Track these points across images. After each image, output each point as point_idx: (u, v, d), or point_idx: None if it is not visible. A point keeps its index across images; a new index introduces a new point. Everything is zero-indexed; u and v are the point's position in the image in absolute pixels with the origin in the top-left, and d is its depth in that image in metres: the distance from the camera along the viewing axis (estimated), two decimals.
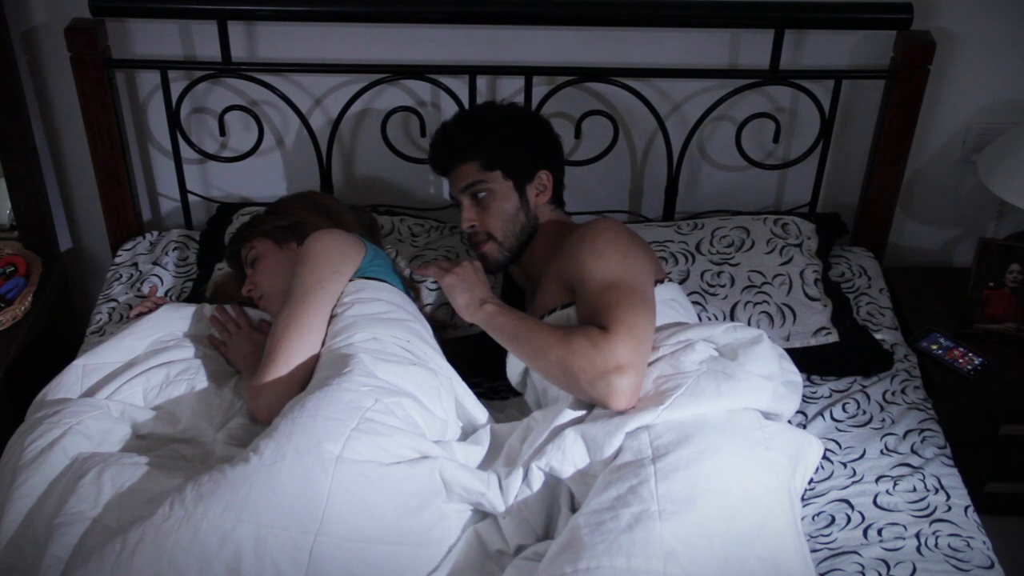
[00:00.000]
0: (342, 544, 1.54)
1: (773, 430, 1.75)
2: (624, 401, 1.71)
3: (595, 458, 1.68)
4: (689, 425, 1.69)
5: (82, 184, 2.59)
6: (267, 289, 2.03)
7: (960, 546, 1.77)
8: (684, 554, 1.49)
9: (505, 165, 2.04)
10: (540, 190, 2.08)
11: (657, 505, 1.54)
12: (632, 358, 1.71)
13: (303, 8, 2.28)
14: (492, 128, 2.06)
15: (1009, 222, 2.58)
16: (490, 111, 2.14)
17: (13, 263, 2.41)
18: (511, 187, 2.05)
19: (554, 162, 2.12)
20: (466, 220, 2.06)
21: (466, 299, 1.93)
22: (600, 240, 1.88)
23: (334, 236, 1.97)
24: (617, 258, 1.84)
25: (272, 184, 2.59)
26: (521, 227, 2.07)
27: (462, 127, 2.09)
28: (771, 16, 2.28)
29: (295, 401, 1.71)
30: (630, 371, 1.70)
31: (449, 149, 2.09)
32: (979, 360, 2.24)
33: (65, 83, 2.41)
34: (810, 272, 2.25)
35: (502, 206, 2.05)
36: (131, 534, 1.53)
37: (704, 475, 1.60)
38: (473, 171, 2.04)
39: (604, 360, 1.70)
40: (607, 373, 1.70)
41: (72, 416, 1.78)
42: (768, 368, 1.81)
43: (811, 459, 1.81)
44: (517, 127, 2.09)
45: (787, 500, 1.65)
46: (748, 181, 2.56)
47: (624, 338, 1.71)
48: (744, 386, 1.74)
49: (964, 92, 2.44)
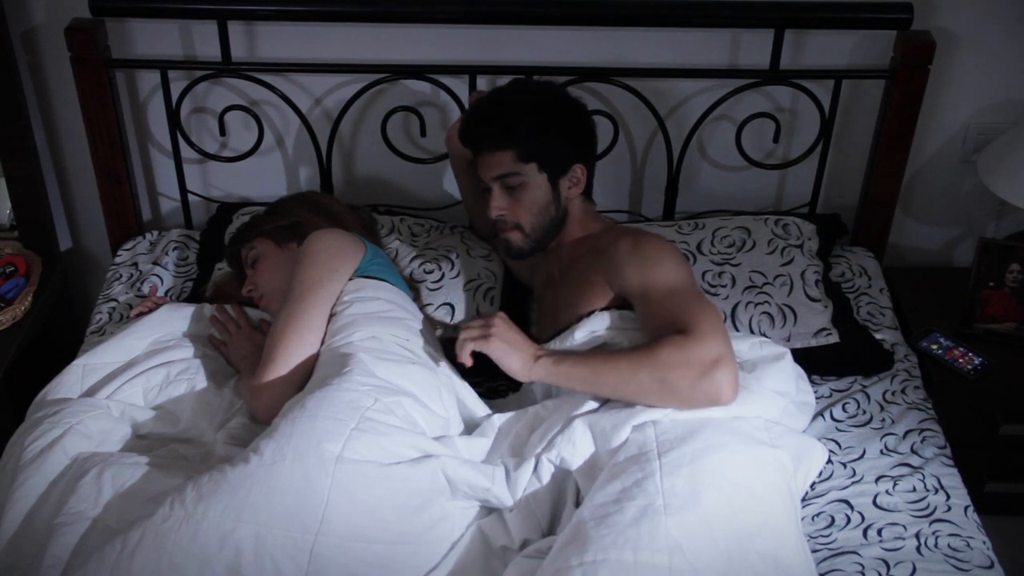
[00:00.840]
0: (342, 544, 1.54)
1: (779, 431, 1.77)
2: (731, 392, 1.69)
3: (601, 448, 1.70)
4: (695, 422, 1.71)
5: (82, 184, 2.59)
6: (267, 289, 2.03)
7: (960, 546, 1.77)
8: (689, 548, 1.50)
9: (540, 157, 1.95)
10: (573, 183, 2.00)
11: (662, 499, 1.56)
12: (724, 349, 1.70)
13: (303, 8, 2.28)
14: (530, 117, 1.95)
15: (1009, 222, 2.58)
16: (529, 96, 1.99)
17: (13, 263, 2.41)
18: (545, 179, 1.97)
19: (590, 155, 2.04)
20: (496, 208, 1.98)
21: (519, 363, 1.79)
22: (651, 250, 1.87)
23: (334, 235, 1.97)
24: (673, 265, 1.85)
25: (272, 184, 2.59)
26: (551, 219, 2.00)
27: (498, 112, 1.96)
28: (771, 16, 2.28)
29: (295, 401, 1.71)
30: (726, 362, 1.69)
31: (483, 133, 1.97)
32: (979, 360, 2.24)
33: (65, 83, 2.41)
34: (811, 273, 2.25)
35: (534, 198, 1.97)
36: (131, 534, 1.53)
37: (709, 471, 1.61)
38: (507, 161, 1.94)
39: (699, 358, 1.69)
40: (707, 370, 1.68)
41: (72, 416, 1.78)
42: (784, 386, 1.84)
43: (815, 463, 1.82)
44: (555, 117, 1.97)
45: (789, 498, 1.67)
46: (748, 181, 2.56)
47: (709, 333, 1.71)
48: (755, 397, 1.77)
49: (964, 92, 2.44)
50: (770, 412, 1.79)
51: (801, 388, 1.94)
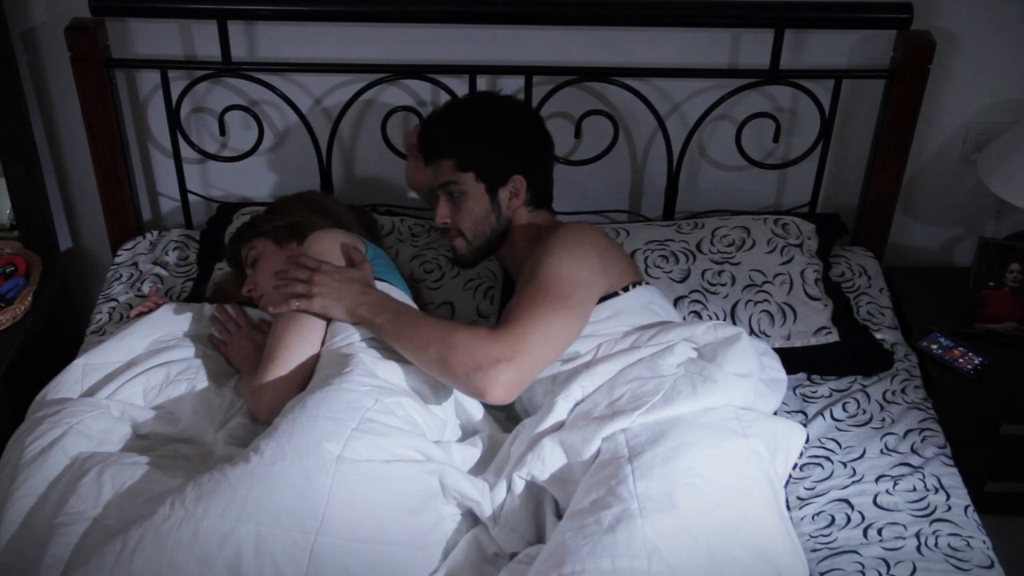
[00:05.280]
0: (342, 544, 1.54)
1: (750, 419, 1.76)
2: (500, 393, 1.71)
3: (574, 461, 1.69)
4: (664, 422, 1.70)
5: (82, 184, 2.59)
6: (267, 289, 2.03)
7: (960, 546, 1.77)
8: (668, 550, 1.49)
9: (479, 168, 2.01)
10: (513, 194, 2.05)
11: (637, 503, 1.55)
12: (514, 354, 1.71)
13: (303, 8, 2.28)
14: (472, 128, 2.03)
15: (1009, 222, 2.58)
16: (475, 108, 2.08)
17: (13, 263, 2.41)
18: (483, 190, 2.03)
19: (533, 166, 2.07)
20: (439, 216, 2.06)
21: (340, 312, 1.84)
22: (559, 243, 1.87)
23: (334, 236, 1.97)
24: (563, 262, 1.84)
25: (272, 184, 2.59)
26: (491, 229, 2.06)
27: (444, 122, 2.06)
28: (771, 16, 2.28)
29: (296, 401, 1.71)
30: (509, 366, 1.70)
31: (429, 142, 2.07)
32: (979, 360, 2.25)
33: (65, 83, 2.41)
34: (811, 272, 2.25)
35: (472, 207, 2.03)
36: (131, 534, 1.53)
37: (681, 470, 1.60)
38: (447, 170, 2.03)
39: (485, 353, 1.70)
40: (484, 366, 1.70)
41: (72, 416, 1.78)
42: (746, 366, 1.82)
43: (793, 445, 1.81)
44: (499, 130, 2.03)
45: (768, 487, 1.66)
46: (748, 181, 2.56)
47: (512, 336, 1.72)
48: (720, 386, 1.75)
49: (964, 92, 2.44)
50: (738, 398, 1.77)
51: (766, 364, 1.92)
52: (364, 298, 1.84)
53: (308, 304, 1.84)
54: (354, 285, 1.86)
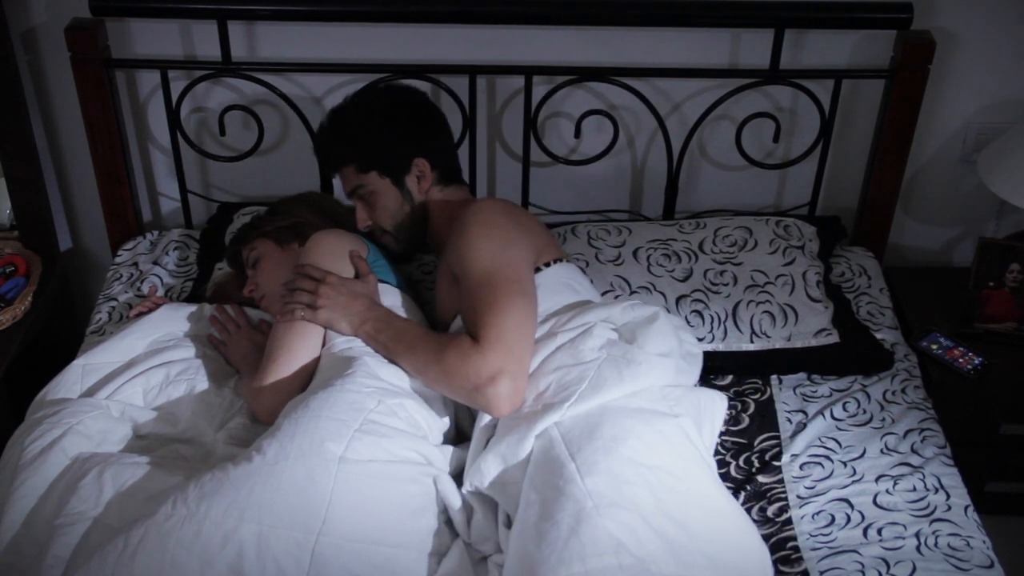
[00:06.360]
0: (344, 544, 1.54)
1: (676, 396, 1.77)
2: (506, 408, 1.71)
3: (509, 464, 1.68)
4: (595, 412, 1.69)
5: (82, 184, 2.59)
6: (268, 289, 2.03)
7: (960, 545, 1.77)
8: (630, 542, 1.51)
9: (378, 164, 2.02)
10: (420, 177, 2.05)
11: (591, 501, 1.55)
12: (505, 364, 1.70)
13: (303, 8, 2.28)
14: (359, 129, 2.03)
15: (1009, 222, 2.58)
16: (357, 108, 2.07)
17: (13, 263, 2.41)
18: (389, 184, 2.03)
19: (430, 145, 2.06)
20: (360, 221, 2.06)
21: (345, 327, 1.85)
22: (474, 231, 1.86)
23: (335, 236, 1.97)
24: (493, 248, 1.83)
25: (272, 184, 2.59)
26: (410, 218, 2.05)
27: (332, 133, 2.07)
28: (771, 16, 2.28)
29: (298, 401, 1.71)
30: (504, 378, 1.70)
31: (325, 157, 2.11)
32: (979, 360, 2.25)
33: (65, 83, 2.41)
34: (812, 274, 2.25)
35: (385, 204, 2.04)
36: (133, 533, 1.53)
37: (624, 460, 1.61)
38: (351, 175, 2.04)
39: (477, 373, 1.70)
40: (482, 387, 1.70)
41: (72, 416, 1.78)
42: (667, 345, 1.82)
43: (717, 415, 1.84)
44: (382, 122, 2.03)
45: (702, 462, 1.69)
46: (748, 181, 2.56)
47: (494, 346, 1.71)
48: (645, 369, 1.75)
49: (964, 92, 2.44)
50: (662, 378, 1.78)
51: (684, 339, 1.93)
52: (370, 314, 1.85)
53: (313, 316, 1.84)
54: (360, 300, 1.86)
